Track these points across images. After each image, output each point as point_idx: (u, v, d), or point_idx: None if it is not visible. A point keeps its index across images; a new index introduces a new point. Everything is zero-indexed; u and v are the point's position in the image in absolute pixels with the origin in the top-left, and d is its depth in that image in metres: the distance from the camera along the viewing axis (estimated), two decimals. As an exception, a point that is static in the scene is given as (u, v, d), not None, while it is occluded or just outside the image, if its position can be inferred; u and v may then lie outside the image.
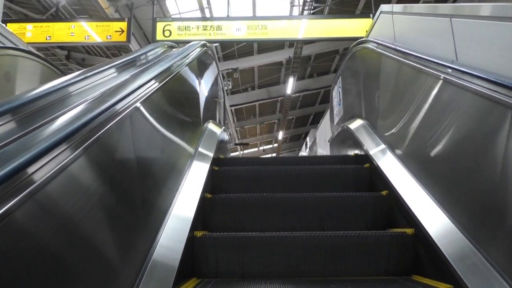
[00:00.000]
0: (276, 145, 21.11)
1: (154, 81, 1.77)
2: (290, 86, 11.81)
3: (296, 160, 3.30)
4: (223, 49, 10.50)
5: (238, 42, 9.23)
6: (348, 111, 4.01)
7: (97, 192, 1.06)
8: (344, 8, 8.99)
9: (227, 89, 11.20)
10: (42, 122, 0.93)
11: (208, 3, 8.23)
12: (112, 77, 1.58)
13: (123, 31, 7.14)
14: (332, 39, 7.66)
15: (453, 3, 1.92)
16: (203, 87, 3.34)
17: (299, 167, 2.70)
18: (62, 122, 0.97)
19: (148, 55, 2.46)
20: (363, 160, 2.81)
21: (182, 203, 1.88)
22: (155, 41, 6.85)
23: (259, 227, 2.16)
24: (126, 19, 7.31)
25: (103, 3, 7.44)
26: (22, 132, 0.86)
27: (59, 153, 0.86)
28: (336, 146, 4.26)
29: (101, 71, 1.51)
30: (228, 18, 7.44)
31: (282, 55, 11.22)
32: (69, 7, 8.58)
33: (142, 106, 1.52)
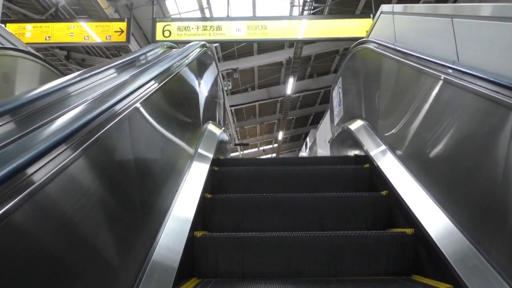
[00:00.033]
0: (276, 145, 21.10)
1: (153, 82, 1.76)
2: (290, 86, 11.80)
3: (296, 160, 3.28)
4: (223, 49, 10.50)
5: (238, 42, 9.22)
6: (348, 111, 4.00)
7: (96, 193, 1.06)
8: (344, 8, 8.99)
9: (227, 89, 11.19)
10: (42, 123, 0.93)
11: (208, 3, 8.22)
12: (111, 78, 1.57)
13: (122, 32, 7.13)
14: (332, 39, 7.65)
15: (454, 4, 1.91)
16: (202, 88, 3.33)
17: (298, 168, 2.70)
18: (61, 122, 0.96)
19: (147, 56, 2.45)
20: (363, 161, 2.80)
21: (182, 203, 1.88)
22: (154, 41, 6.84)
23: (259, 227, 2.15)
24: (126, 19, 7.31)
25: (103, 3, 7.43)
26: (21, 133, 0.86)
27: (58, 154, 0.86)
28: (337, 146, 4.24)
29: (100, 72, 1.51)
30: (228, 18, 7.42)
31: (282, 55, 11.22)
32: (68, 7, 8.57)
33: (142, 107, 1.52)
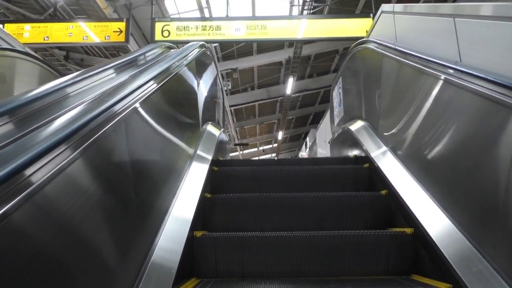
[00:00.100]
0: (275, 145, 21.08)
1: (152, 82, 1.75)
2: (290, 86, 11.78)
3: (295, 161, 3.26)
4: (223, 49, 10.47)
5: (238, 42, 9.19)
6: (349, 112, 3.98)
7: (95, 194, 1.06)
8: (344, 8, 8.96)
9: (227, 89, 11.18)
10: (40, 124, 0.93)
11: (207, 3, 8.19)
12: (109, 78, 1.56)
13: (121, 32, 7.10)
14: (332, 39, 7.63)
15: (456, 3, 1.88)
16: (201, 88, 3.30)
17: (299, 168, 2.71)
18: (60, 123, 0.96)
19: (145, 56, 2.43)
20: (364, 162, 2.78)
21: (181, 203, 1.88)
22: (153, 41, 6.81)
23: (259, 227, 2.15)
24: (125, 19, 7.27)
25: (101, 3, 7.39)
26: (20, 133, 0.86)
27: (57, 154, 0.86)
28: (337, 147, 4.22)
29: (98, 73, 1.50)
30: (228, 18, 7.40)
31: (282, 55, 11.20)
32: (67, 7, 8.54)
33: (140, 108, 1.52)
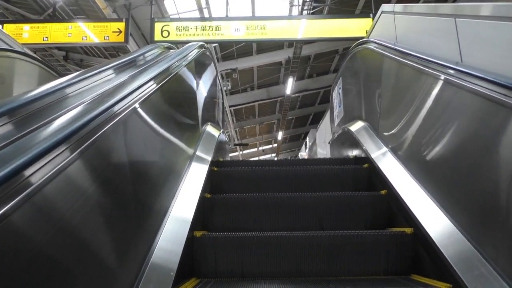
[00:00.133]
0: (275, 145, 21.07)
1: (151, 83, 1.75)
2: (290, 86, 11.77)
3: (295, 162, 3.25)
4: (222, 49, 10.45)
5: (237, 42, 9.18)
6: (349, 112, 3.96)
7: (94, 195, 1.06)
8: (344, 8, 8.95)
9: (226, 89, 11.16)
10: (39, 124, 0.93)
11: (206, 3, 8.17)
12: (108, 79, 1.56)
13: (121, 32, 7.08)
14: (332, 39, 7.62)
15: (458, 3, 1.87)
16: (201, 89, 3.29)
17: (298, 168, 2.71)
18: (59, 124, 0.96)
19: (145, 57, 2.41)
20: (364, 163, 2.77)
21: (181, 204, 1.87)
22: (153, 41, 6.80)
23: (259, 226, 2.15)
24: (124, 20, 7.26)
25: (101, 4, 7.37)
26: (19, 134, 0.86)
27: (56, 155, 0.86)
28: (337, 148, 4.20)
29: (96, 73, 1.49)
30: (227, 18, 7.38)
31: (282, 55, 11.18)
32: (66, 7, 8.52)
33: (140, 108, 1.52)
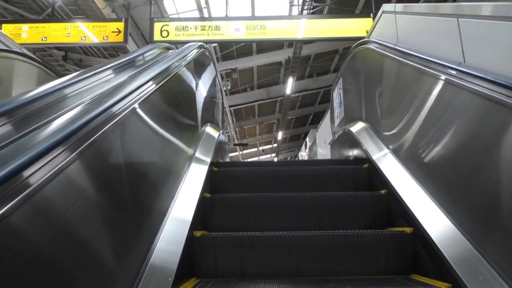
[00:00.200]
0: (275, 145, 21.06)
1: (150, 83, 1.73)
2: (290, 86, 11.75)
3: (294, 162, 3.24)
4: (222, 49, 10.44)
5: (237, 42, 9.16)
6: (349, 113, 3.94)
7: (94, 195, 1.05)
8: (344, 8, 8.93)
9: (226, 89, 11.15)
10: (38, 125, 0.92)
11: (206, 3, 8.15)
12: (107, 79, 1.54)
13: (120, 32, 7.06)
14: (332, 39, 7.59)
15: (460, 3, 1.85)
16: (200, 89, 3.27)
17: (298, 168, 2.70)
18: (58, 124, 0.96)
19: (144, 57, 2.39)
20: (364, 165, 2.74)
21: (181, 204, 1.86)
22: (152, 41, 6.77)
23: (258, 226, 2.14)
24: (123, 20, 7.24)
25: (100, 3, 7.35)
26: (18, 135, 0.85)
27: (55, 156, 0.86)
28: (337, 149, 4.18)
29: (95, 74, 1.48)
30: (227, 18, 7.36)
31: (281, 55, 11.16)
32: (65, 7, 8.50)
33: (139, 109, 1.51)
